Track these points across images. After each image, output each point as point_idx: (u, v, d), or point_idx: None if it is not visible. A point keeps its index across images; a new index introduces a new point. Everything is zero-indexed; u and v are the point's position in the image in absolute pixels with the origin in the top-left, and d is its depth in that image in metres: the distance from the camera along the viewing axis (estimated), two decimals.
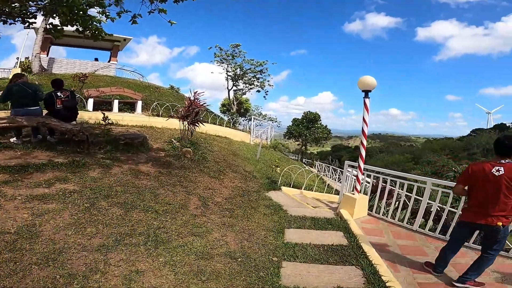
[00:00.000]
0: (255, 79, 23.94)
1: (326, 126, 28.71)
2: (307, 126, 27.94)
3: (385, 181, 4.90)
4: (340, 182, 12.58)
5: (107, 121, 5.61)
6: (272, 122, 22.93)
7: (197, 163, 5.94)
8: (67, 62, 18.27)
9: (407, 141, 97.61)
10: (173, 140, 6.76)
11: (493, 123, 69.39)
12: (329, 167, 18.54)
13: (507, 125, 51.07)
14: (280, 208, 4.78)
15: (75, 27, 4.78)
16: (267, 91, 24.69)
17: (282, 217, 4.35)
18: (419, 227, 4.24)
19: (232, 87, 24.58)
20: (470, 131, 58.31)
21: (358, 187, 4.82)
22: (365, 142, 4.82)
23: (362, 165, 4.81)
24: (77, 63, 18.46)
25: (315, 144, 29.53)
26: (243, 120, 22.60)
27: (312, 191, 7.06)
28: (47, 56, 17.57)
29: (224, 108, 25.75)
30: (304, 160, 27.97)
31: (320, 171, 18.13)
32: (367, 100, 4.75)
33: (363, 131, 4.80)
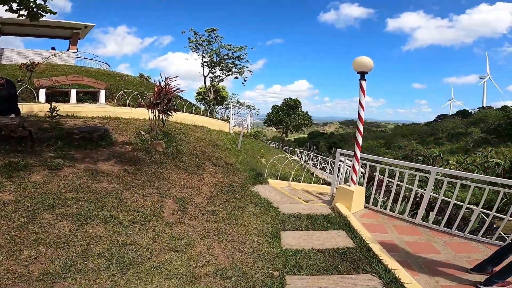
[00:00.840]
0: (233, 65, 22.66)
1: (306, 112, 28.56)
2: (287, 113, 27.58)
3: (382, 171, 4.51)
4: (325, 171, 12.41)
5: (55, 112, 4.59)
6: (251, 110, 22.09)
7: (171, 157, 5.16)
8: (18, 52, 16.35)
9: (378, 127, 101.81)
10: (141, 132, 5.86)
11: (454, 110, 74.29)
12: (309, 154, 18.40)
13: (469, 111, 54.63)
14: (270, 206, 4.22)
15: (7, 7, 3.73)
16: (246, 77, 23.56)
17: (274, 217, 3.80)
18: (421, 220, 3.93)
19: (208, 74, 23.18)
20: (436, 117, 61.78)
21: (355, 178, 4.39)
22: (361, 128, 4.36)
23: (359, 154, 4.37)
24: (29, 53, 16.50)
25: (296, 131, 29.44)
26: (220, 109, 21.55)
27: (300, 182, 6.60)
28: None
29: (200, 96, 24.44)
30: (284, 147, 27.75)
31: (301, 159, 17.92)
32: (363, 82, 4.29)
33: (359, 115, 4.33)
